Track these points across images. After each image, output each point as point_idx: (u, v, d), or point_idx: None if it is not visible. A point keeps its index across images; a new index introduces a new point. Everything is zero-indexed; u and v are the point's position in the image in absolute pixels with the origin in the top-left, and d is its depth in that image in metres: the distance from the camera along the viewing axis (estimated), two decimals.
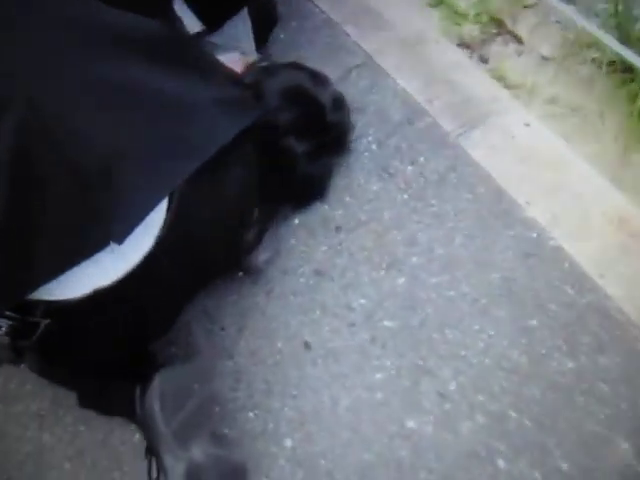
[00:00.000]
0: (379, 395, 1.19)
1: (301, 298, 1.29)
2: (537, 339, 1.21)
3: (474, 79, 1.56)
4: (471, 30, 1.64)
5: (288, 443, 1.16)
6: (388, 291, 1.29)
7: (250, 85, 1.29)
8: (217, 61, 1.27)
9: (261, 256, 1.29)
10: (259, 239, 1.27)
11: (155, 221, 0.99)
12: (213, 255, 1.13)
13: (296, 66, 1.41)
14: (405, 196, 1.40)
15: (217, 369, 1.23)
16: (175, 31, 1.31)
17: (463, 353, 1.21)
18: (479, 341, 1.22)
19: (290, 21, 1.69)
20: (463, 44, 1.64)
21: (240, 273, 1.32)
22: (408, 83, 1.56)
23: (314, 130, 1.33)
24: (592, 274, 1.26)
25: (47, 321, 0.99)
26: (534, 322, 1.23)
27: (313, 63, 1.44)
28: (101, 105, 0.96)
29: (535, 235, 1.32)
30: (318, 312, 1.28)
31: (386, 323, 1.25)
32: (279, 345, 1.25)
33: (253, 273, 1.32)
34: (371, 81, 1.57)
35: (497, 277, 1.28)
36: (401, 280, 1.30)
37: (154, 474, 1.07)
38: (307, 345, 1.24)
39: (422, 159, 1.44)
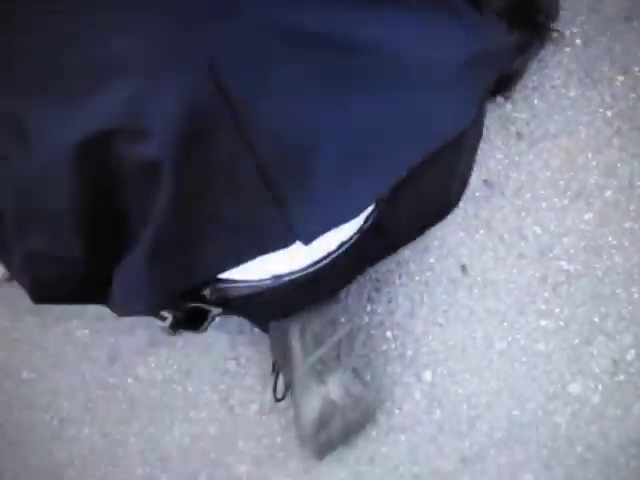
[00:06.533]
0: (541, 346, 1.01)
1: (463, 211, 1.11)
2: None
3: None
4: None
5: (427, 377, 1.01)
6: (571, 226, 1.07)
7: None
8: None
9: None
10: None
11: None
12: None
13: None
14: (609, 113, 1.14)
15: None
16: None
17: None
18: None
19: None
20: None
21: None
22: None
23: (523, 15, 1.05)
24: None
25: (219, 310, 0.90)
26: None
27: None
28: (300, 84, 0.75)
29: None
30: (482, 231, 1.09)
31: (562, 264, 1.05)
32: (431, 261, 1.09)
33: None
34: None
35: None
36: (588, 215, 1.08)
37: (280, 394, 0.96)
38: (464, 268, 1.07)
39: (637, 70, 1.18)
